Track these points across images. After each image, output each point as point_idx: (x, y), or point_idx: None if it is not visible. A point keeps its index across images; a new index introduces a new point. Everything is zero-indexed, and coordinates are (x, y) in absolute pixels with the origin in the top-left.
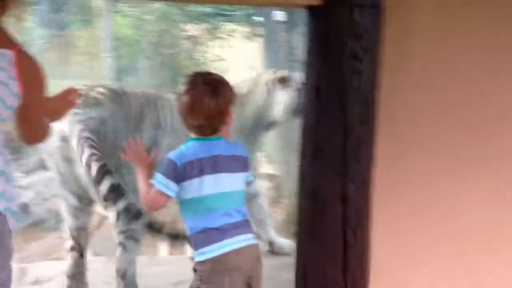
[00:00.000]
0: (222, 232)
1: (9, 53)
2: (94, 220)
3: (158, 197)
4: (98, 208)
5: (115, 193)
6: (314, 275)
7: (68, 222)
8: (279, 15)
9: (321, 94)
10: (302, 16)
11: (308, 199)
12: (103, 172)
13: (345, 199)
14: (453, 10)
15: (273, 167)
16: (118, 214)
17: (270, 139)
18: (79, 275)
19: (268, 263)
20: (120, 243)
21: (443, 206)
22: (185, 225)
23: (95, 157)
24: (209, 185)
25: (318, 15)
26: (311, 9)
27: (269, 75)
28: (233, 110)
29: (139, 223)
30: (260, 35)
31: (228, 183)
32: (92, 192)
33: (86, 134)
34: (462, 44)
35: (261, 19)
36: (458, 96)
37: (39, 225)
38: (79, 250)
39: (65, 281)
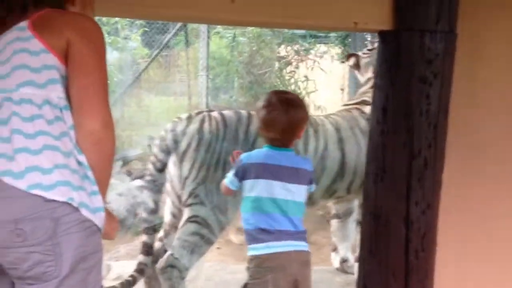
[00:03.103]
0: (269, 234)
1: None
2: None
3: (225, 187)
4: None
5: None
6: None
7: (165, 218)
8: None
9: (388, 116)
10: None
11: (370, 219)
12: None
13: (409, 222)
14: None
15: None
16: (185, 222)
17: None
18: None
19: (334, 280)
20: (173, 247)
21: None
22: (242, 220)
23: (146, 172)
24: (265, 188)
25: (389, 40)
26: (382, 33)
27: None
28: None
29: (199, 237)
30: None
31: (286, 192)
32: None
33: (154, 149)
34: None
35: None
36: None
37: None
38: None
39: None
